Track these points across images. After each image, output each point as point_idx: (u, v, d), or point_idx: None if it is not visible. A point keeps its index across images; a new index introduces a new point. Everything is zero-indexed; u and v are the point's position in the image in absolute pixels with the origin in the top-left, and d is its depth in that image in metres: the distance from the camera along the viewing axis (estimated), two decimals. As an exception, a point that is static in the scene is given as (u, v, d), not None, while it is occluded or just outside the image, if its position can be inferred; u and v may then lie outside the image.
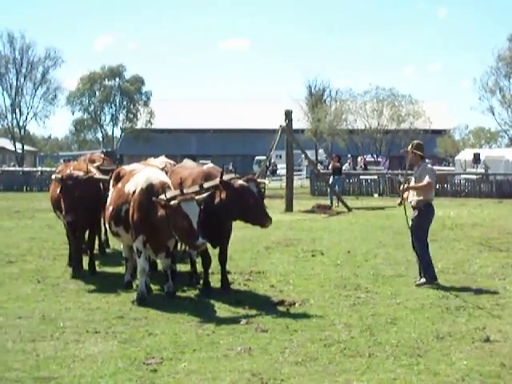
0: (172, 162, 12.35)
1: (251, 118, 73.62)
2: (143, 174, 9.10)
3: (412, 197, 9.98)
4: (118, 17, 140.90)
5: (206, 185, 8.99)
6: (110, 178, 10.07)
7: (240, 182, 9.15)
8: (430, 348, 6.74)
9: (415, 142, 10.46)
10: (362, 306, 8.50)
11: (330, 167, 29.08)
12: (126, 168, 10.03)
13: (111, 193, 9.61)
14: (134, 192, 8.84)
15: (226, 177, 9.18)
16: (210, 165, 10.81)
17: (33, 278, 10.25)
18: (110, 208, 9.32)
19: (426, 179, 9.74)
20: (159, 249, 8.88)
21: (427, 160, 10.42)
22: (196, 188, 8.87)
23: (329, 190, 26.05)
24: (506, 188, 31.88)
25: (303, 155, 37.10)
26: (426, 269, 9.84)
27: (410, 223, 10.00)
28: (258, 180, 10.06)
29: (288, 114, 24.05)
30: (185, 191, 8.37)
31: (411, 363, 6.26)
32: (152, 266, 10.19)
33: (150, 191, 8.61)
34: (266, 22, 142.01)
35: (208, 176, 9.39)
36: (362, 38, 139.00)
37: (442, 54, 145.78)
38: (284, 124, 23.93)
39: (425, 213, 9.88)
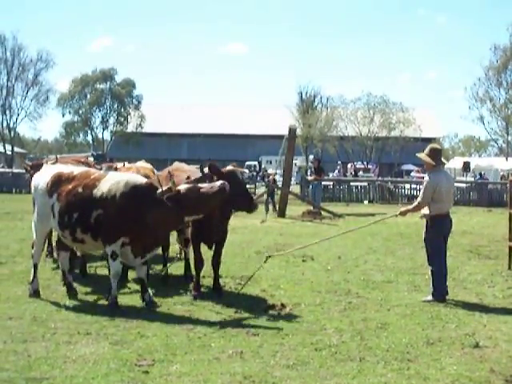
0: (150, 166, 12.16)
1: (242, 123, 73.79)
2: (115, 177, 8.75)
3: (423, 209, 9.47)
4: (114, 20, 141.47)
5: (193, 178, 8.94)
6: None
7: (223, 169, 9.25)
8: (420, 353, 6.77)
9: (430, 146, 9.66)
10: (352, 311, 8.53)
11: (312, 170, 28.83)
12: (65, 170, 9.23)
13: (58, 199, 8.78)
14: (112, 196, 8.39)
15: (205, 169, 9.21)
16: None
17: (23, 279, 10.19)
18: (75, 215, 8.60)
19: (417, 200, 9.46)
20: (144, 251, 8.57)
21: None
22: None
23: (313, 195, 25.90)
24: (496, 196, 32.09)
25: (295, 162, 37.13)
26: (435, 284, 9.28)
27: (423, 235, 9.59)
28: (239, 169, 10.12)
29: (291, 131, 23.34)
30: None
31: (402, 368, 6.29)
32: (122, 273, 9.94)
33: (136, 192, 8.40)
34: (262, 28, 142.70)
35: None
36: (359, 44, 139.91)
37: (437, 62, 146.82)
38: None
39: (431, 226, 9.35)
